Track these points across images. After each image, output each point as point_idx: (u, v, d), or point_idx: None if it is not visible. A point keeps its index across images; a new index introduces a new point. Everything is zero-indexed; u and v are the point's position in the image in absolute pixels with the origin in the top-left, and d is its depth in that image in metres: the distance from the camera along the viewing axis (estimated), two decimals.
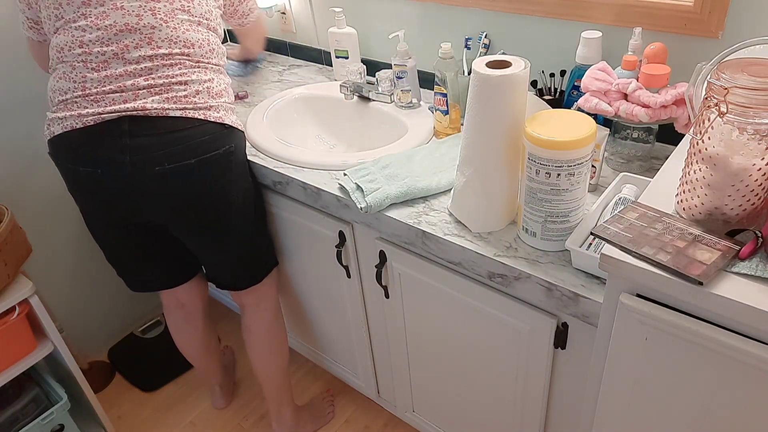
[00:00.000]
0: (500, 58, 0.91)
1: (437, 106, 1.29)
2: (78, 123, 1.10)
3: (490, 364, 1.17)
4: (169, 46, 1.12)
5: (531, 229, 0.95)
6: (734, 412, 0.72)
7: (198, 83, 1.15)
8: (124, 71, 1.10)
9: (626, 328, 0.75)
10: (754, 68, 0.66)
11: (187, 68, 1.15)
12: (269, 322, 1.48)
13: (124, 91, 1.10)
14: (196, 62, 1.16)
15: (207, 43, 1.18)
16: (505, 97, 0.89)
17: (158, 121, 1.11)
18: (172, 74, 1.13)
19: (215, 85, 1.19)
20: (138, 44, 1.10)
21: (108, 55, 1.09)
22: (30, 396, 1.55)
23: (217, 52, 1.22)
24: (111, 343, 2.04)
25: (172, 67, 1.13)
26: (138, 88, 1.10)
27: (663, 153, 1.15)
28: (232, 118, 1.22)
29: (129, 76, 1.10)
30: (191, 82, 1.15)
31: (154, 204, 1.17)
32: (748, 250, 0.68)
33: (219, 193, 1.21)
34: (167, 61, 1.12)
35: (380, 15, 1.54)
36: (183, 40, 1.14)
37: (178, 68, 1.13)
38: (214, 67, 1.21)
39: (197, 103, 1.14)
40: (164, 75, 1.12)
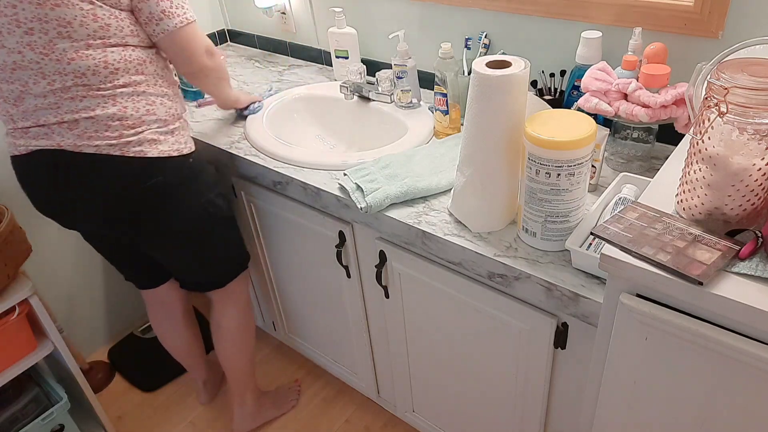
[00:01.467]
0: (500, 58, 0.91)
1: (437, 106, 1.29)
2: (14, 150, 1.11)
3: (490, 364, 1.17)
4: (62, 79, 1.03)
5: (531, 229, 0.95)
6: (734, 412, 0.72)
7: (106, 117, 1.06)
8: (35, 105, 1.05)
9: (626, 328, 0.75)
10: (754, 68, 0.66)
11: (91, 100, 1.05)
12: (237, 320, 1.50)
13: (42, 126, 1.07)
14: (98, 91, 1.05)
15: (105, 66, 1.04)
16: (505, 97, 0.89)
17: (74, 157, 1.08)
18: (77, 108, 1.05)
19: (130, 112, 1.08)
20: (35, 80, 1.03)
21: (16, 92, 1.05)
22: (30, 396, 1.55)
23: (127, 68, 1.07)
24: (111, 343, 2.04)
25: (74, 101, 1.05)
26: (51, 123, 1.06)
27: (663, 153, 1.15)
28: (162, 146, 1.13)
29: (41, 110, 1.06)
30: (98, 117, 1.06)
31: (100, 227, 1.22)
32: (748, 250, 0.68)
33: (155, 222, 1.20)
34: (67, 95, 1.04)
35: (380, 15, 1.54)
36: (71, 70, 1.03)
37: (80, 101, 1.05)
38: (124, 90, 1.08)
39: (110, 138, 1.07)
40: (70, 110, 1.05)
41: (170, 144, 1.15)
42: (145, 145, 1.11)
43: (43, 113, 1.06)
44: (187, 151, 1.19)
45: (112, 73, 1.05)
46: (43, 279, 1.75)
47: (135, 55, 1.08)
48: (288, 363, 1.93)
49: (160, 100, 1.14)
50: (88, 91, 1.05)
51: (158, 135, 1.13)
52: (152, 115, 1.12)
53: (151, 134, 1.11)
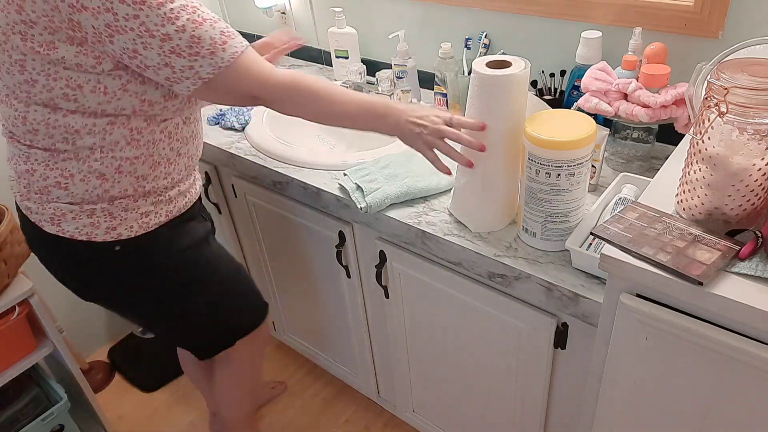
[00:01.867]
0: (500, 58, 0.91)
1: (437, 106, 1.28)
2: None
3: (490, 364, 1.17)
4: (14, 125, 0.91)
5: (531, 229, 0.95)
6: (734, 412, 0.72)
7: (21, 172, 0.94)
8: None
9: (626, 328, 0.75)
10: (754, 68, 0.66)
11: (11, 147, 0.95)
12: (229, 383, 1.36)
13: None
14: (15, 142, 0.93)
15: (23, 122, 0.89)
16: (504, 97, 0.89)
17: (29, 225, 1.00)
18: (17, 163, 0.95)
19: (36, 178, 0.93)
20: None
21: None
22: (30, 396, 1.55)
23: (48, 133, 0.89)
24: (111, 343, 2.04)
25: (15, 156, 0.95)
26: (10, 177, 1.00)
27: (663, 153, 1.15)
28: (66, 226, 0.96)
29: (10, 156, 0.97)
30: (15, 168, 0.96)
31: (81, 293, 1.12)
32: (748, 250, 0.68)
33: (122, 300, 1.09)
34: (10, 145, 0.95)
35: (380, 15, 1.54)
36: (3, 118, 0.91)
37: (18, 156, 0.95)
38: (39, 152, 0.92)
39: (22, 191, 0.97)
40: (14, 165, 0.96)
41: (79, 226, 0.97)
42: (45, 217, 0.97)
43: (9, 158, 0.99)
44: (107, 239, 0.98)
45: (29, 132, 0.90)
46: (43, 279, 1.74)
47: (64, 121, 0.89)
48: (288, 363, 1.93)
49: (85, 176, 0.93)
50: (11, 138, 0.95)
51: (65, 212, 0.96)
52: (62, 188, 0.94)
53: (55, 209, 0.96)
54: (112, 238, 0.98)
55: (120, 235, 0.99)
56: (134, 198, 0.99)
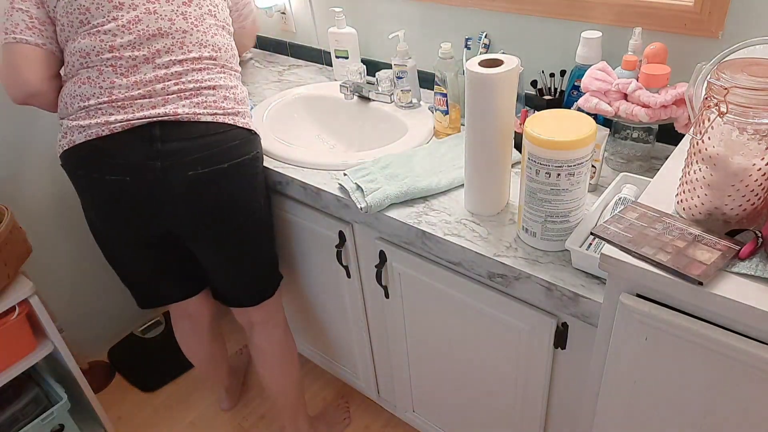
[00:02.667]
0: (493, 57, 0.93)
1: (437, 106, 1.29)
2: (104, 130, 1.06)
3: (490, 364, 1.17)
4: (200, 50, 1.13)
5: (531, 229, 0.95)
6: (734, 412, 0.72)
7: (225, 89, 1.16)
8: (154, 76, 1.08)
9: (626, 328, 0.75)
10: (754, 68, 0.66)
11: (215, 73, 1.15)
12: (280, 339, 1.44)
13: (153, 96, 1.08)
14: (222, 67, 1.17)
15: (230, 48, 1.20)
16: (492, 94, 0.92)
17: (190, 125, 1.10)
18: (201, 79, 1.13)
19: (239, 91, 1.20)
20: (170, 48, 1.10)
21: (139, 59, 1.08)
22: (30, 396, 1.55)
23: (236, 57, 1.23)
24: (111, 343, 2.04)
25: (201, 72, 1.13)
26: (168, 92, 1.09)
27: (663, 153, 1.15)
28: (251, 125, 1.22)
29: (159, 80, 1.09)
30: (219, 87, 1.15)
31: (180, 211, 1.14)
32: (748, 250, 0.68)
33: (245, 200, 1.20)
34: (197, 66, 1.13)
35: (380, 15, 1.54)
36: (212, 44, 1.15)
37: (206, 73, 1.14)
38: (236, 73, 1.22)
39: (226, 108, 1.15)
40: (194, 80, 1.12)
41: (251, 122, 1.22)
42: (248, 119, 1.20)
43: (160, 82, 1.09)
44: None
45: (233, 56, 1.21)
46: (43, 279, 1.74)
47: (233, 43, 1.24)
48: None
49: (242, 85, 1.23)
50: (216, 65, 1.16)
51: (247, 113, 1.22)
52: (245, 99, 1.22)
53: (247, 112, 1.21)
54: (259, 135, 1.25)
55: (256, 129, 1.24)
56: None
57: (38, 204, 1.70)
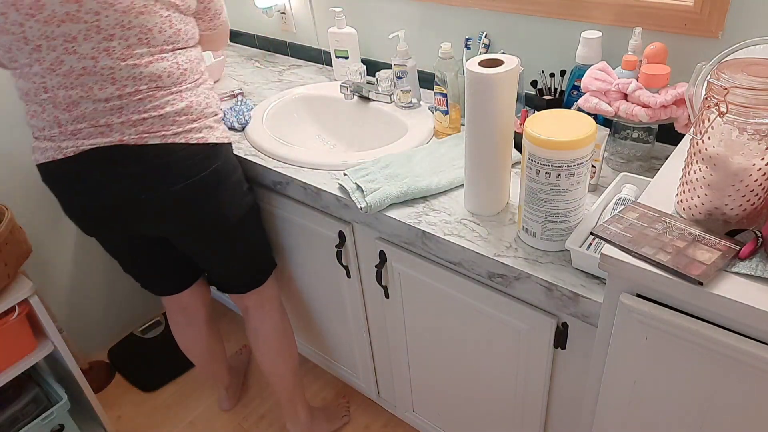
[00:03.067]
0: (493, 57, 0.93)
1: (437, 106, 1.29)
2: (58, 154, 1.08)
3: (490, 364, 1.17)
4: (135, 83, 1.06)
5: (531, 229, 0.95)
6: (734, 412, 0.72)
7: (174, 113, 1.10)
8: (94, 109, 1.06)
9: (626, 328, 0.75)
10: (754, 68, 0.66)
11: (160, 99, 1.09)
12: (275, 323, 1.46)
13: (99, 126, 1.07)
14: (168, 91, 1.10)
15: (177, 67, 1.10)
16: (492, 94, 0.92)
17: (139, 149, 1.08)
18: (145, 108, 1.07)
19: (195, 106, 1.13)
20: (102, 85, 1.04)
21: (74, 97, 1.05)
22: (30, 396, 1.55)
23: (192, 68, 1.14)
24: (111, 343, 2.04)
25: (143, 102, 1.07)
26: (112, 124, 1.07)
27: (663, 153, 1.15)
28: (216, 133, 1.17)
29: (101, 114, 1.06)
30: (167, 114, 1.09)
31: (146, 226, 1.18)
32: (748, 250, 0.68)
33: (212, 212, 1.19)
34: (136, 97, 1.07)
35: (380, 15, 1.54)
36: (147, 74, 1.06)
37: (149, 101, 1.08)
38: (191, 85, 1.14)
39: (176, 130, 1.10)
40: (137, 110, 1.07)
41: (221, 132, 1.19)
42: (205, 131, 1.15)
43: (102, 116, 1.06)
44: (229, 141, 1.23)
45: (182, 74, 1.12)
46: (43, 279, 1.75)
47: (194, 54, 1.16)
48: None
49: (210, 92, 1.20)
50: (159, 92, 1.09)
51: (212, 123, 1.17)
52: (209, 107, 1.17)
53: (207, 123, 1.16)
54: (227, 140, 1.21)
55: (228, 138, 1.22)
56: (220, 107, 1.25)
57: (38, 204, 1.70)
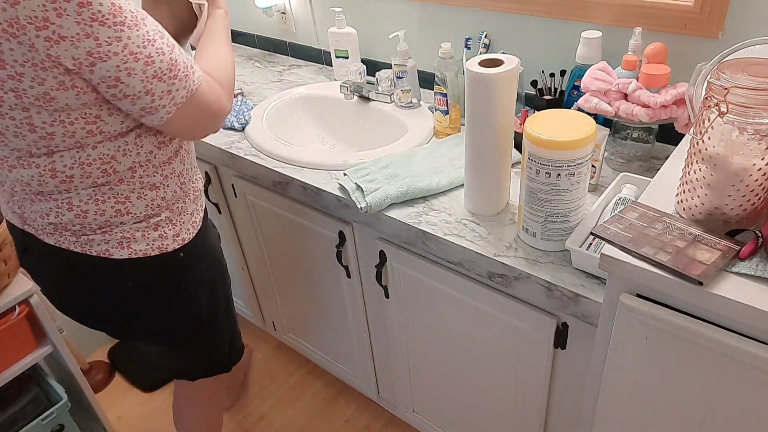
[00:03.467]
0: (494, 57, 0.93)
1: (437, 106, 1.29)
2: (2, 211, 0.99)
3: (490, 364, 1.17)
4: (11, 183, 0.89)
5: (531, 229, 0.95)
6: (734, 412, 0.72)
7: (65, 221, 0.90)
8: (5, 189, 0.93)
9: (626, 328, 0.75)
10: (754, 68, 0.66)
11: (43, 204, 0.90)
12: (197, 417, 1.37)
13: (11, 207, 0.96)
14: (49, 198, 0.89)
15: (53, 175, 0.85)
16: (492, 94, 0.92)
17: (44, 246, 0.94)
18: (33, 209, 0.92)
19: (92, 216, 0.90)
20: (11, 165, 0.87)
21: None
22: (30, 396, 1.55)
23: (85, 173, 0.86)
24: (111, 343, 2.04)
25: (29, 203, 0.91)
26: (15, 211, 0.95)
27: (663, 153, 1.15)
28: (137, 246, 0.94)
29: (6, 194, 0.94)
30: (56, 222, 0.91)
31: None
32: (748, 250, 0.68)
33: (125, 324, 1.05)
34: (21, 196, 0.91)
35: (380, 15, 1.54)
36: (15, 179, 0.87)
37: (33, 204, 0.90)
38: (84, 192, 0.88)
39: (71, 235, 0.92)
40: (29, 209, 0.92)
41: (149, 241, 0.95)
42: (113, 244, 0.93)
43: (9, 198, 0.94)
44: (175, 246, 0.99)
45: (63, 182, 0.86)
46: None
47: (96, 154, 0.85)
48: (288, 363, 1.93)
49: (139, 193, 0.92)
50: (40, 197, 0.89)
51: (133, 232, 0.94)
52: (124, 214, 0.92)
53: (123, 233, 0.93)
54: (179, 245, 0.99)
55: (184, 240, 1.00)
56: (183, 198, 1.00)
57: None
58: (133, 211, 0.93)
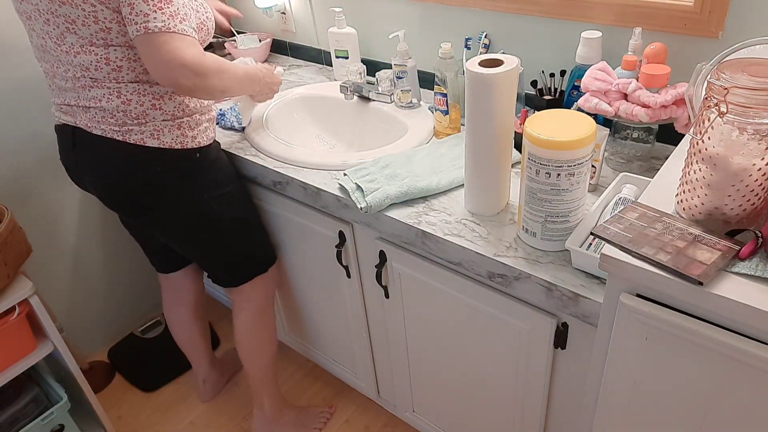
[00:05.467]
0: (494, 57, 0.93)
1: (437, 106, 1.29)
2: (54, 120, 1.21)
3: (490, 364, 1.17)
4: (70, 69, 1.09)
5: (531, 229, 0.95)
6: (734, 412, 0.72)
7: (112, 108, 1.10)
8: (61, 86, 1.13)
9: (626, 328, 0.75)
10: (754, 68, 0.66)
11: (97, 91, 1.09)
12: (249, 323, 1.49)
13: (67, 105, 1.15)
14: (103, 84, 1.09)
15: (107, 63, 1.07)
16: (492, 94, 0.92)
17: (90, 137, 1.14)
18: (88, 96, 1.11)
19: (134, 106, 1.10)
20: (54, 65, 1.11)
21: (47, 70, 1.14)
22: (30, 396, 1.55)
23: (131, 67, 1.08)
24: (111, 343, 2.04)
25: (84, 90, 1.10)
26: (71, 104, 1.13)
27: (663, 153, 1.15)
28: (164, 138, 1.14)
29: (66, 92, 1.13)
30: (105, 108, 1.10)
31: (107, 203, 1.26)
32: (748, 250, 0.68)
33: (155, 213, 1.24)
34: (79, 84, 1.10)
35: (380, 15, 1.54)
36: (77, 64, 1.07)
37: (89, 91, 1.10)
38: (130, 84, 1.09)
39: (114, 126, 1.12)
40: (83, 97, 1.11)
41: (174, 137, 1.16)
42: (147, 135, 1.13)
43: (66, 95, 1.13)
44: (193, 146, 1.19)
45: (114, 70, 1.08)
46: (43, 279, 1.74)
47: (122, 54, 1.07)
48: (288, 363, 1.93)
49: (170, 95, 1.14)
50: (95, 83, 1.09)
51: (162, 127, 1.14)
52: (158, 109, 1.13)
53: (155, 126, 1.13)
54: (195, 146, 1.19)
55: (200, 143, 1.20)
56: (201, 112, 1.21)
57: (38, 204, 1.70)
58: (164, 108, 1.14)
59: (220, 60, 1.11)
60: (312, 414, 1.71)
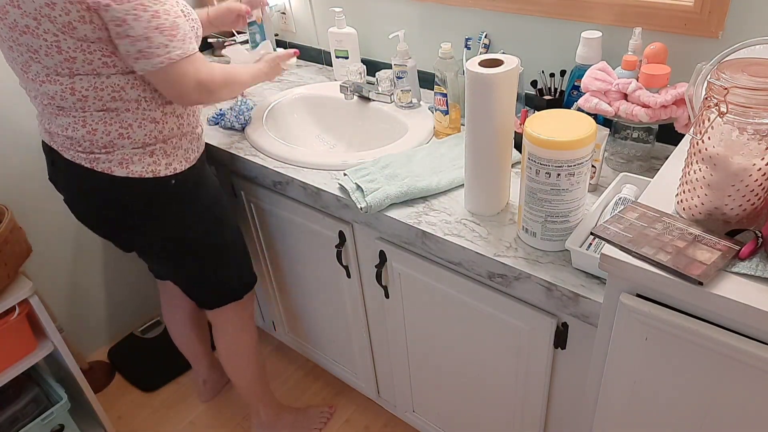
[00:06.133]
0: (494, 57, 0.93)
1: (437, 106, 1.29)
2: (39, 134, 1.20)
3: (490, 364, 1.17)
4: (38, 97, 1.08)
5: (531, 229, 0.95)
6: (734, 412, 0.72)
7: (78, 137, 1.08)
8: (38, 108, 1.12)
9: (626, 328, 0.75)
10: (754, 68, 0.66)
11: (63, 119, 1.08)
12: (230, 343, 1.49)
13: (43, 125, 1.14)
14: (68, 114, 1.07)
15: (72, 93, 1.03)
16: (492, 94, 0.92)
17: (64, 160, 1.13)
18: (55, 123, 1.09)
19: (100, 135, 1.08)
20: (29, 89, 1.09)
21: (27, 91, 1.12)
22: (30, 396, 1.55)
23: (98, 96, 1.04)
24: (111, 343, 2.04)
25: (53, 116, 1.09)
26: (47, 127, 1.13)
27: (663, 153, 1.15)
28: (133, 167, 1.11)
29: (42, 114, 1.13)
30: (71, 136, 1.09)
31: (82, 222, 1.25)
32: (748, 250, 0.68)
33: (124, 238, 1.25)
34: (47, 111, 1.09)
35: (380, 15, 1.54)
36: (42, 92, 1.05)
37: (56, 118, 1.08)
38: (96, 113, 1.06)
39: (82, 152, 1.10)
40: (53, 123, 1.10)
41: (144, 165, 1.12)
42: (114, 163, 1.11)
43: (42, 116, 1.13)
44: (167, 173, 1.15)
45: (80, 100, 1.04)
46: (43, 279, 1.74)
47: (109, 82, 1.04)
48: (288, 363, 1.93)
49: (140, 123, 1.10)
50: (61, 111, 1.07)
51: (131, 155, 1.11)
52: (126, 138, 1.09)
53: (123, 155, 1.11)
54: (170, 173, 1.15)
55: (175, 170, 1.16)
56: (179, 136, 1.17)
57: (38, 204, 1.70)
58: (133, 137, 1.10)
59: (226, 70, 1.15)
60: (311, 414, 1.71)
